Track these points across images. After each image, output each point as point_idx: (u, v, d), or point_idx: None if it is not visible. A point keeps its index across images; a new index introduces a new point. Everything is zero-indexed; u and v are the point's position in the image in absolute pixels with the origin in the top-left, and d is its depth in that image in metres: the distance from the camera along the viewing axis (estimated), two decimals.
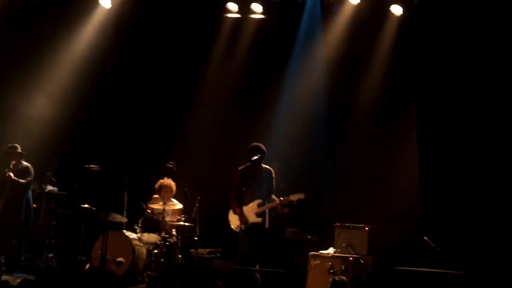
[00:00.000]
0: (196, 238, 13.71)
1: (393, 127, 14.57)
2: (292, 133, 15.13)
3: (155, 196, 14.19)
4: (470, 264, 12.15)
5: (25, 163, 14.18)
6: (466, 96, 13.51)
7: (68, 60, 15.87)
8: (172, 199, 14.10)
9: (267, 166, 13.35)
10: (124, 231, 13.66)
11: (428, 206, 13.43)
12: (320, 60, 15.27)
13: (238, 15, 15.52)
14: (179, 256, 13.64)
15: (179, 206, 13.98)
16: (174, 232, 13.85)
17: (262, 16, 15.34)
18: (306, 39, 15.32)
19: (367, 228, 13.11)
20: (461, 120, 13.50)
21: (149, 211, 13.87)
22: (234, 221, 13.17)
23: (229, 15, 15.58)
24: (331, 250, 13.06)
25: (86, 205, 13.61)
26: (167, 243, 13.58)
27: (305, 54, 15.38)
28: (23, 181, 14.01)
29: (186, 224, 13.59)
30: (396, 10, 14.46)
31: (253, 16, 15.44)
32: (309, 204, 13.34)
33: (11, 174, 13.93)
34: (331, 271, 12.34)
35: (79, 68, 15.89)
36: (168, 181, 14.10)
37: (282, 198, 13.12)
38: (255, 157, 13.09)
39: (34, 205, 14.50)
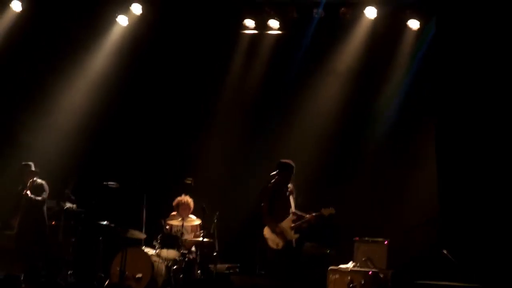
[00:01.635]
0: (215, 254, 13.67)
1: (411, 141, 14.57)
2: (310, 148, 15.07)
3: (173, 213, 14.16)
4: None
5: (39, 180, 14.18)
6: (484, 110, 13.43)
7: (84, 79, 15.95)
8: (190, 215, 14.06)
9: None
10: (143, 247, 13.64)
11: (447, 220, 13.35)
12: (338, 75, 15.26)
13: (255, 31, 15.55)
14: (198, 272, 13.61)
15: (198, 222, 13.95)
16: (193, 248, 13.82)
17: (279, 32, 15.36)
18: (323, 54, 15.32)
19: (386, 242, 13.03)
20: (479, 133, 13.41)
21: (168, 227, 13.86)
22: (273, 239, 12.81)
23: (246, 31, 15.61)
24: (350, 265, 12.95)
25: (104, 222, 13.61)
26: (186, 259, 13.52)
27: (322, 69, 15.39)
28: (39, 198, 14.02)
29: (205, 240, 13.54)
30: (414, 24, 14.44)
31: (270, 32, 15.46)
32: (328, 219, 13.27)
33: (28, 192, 13.95)
34: (351, 285, 12.28)
35: (96, 85, 15.97)
36: (186, 198, 14.06)
37: (314, 214, 12.94)
38: (278, 174, 12.94)
39: (53, 222, 14.54)
